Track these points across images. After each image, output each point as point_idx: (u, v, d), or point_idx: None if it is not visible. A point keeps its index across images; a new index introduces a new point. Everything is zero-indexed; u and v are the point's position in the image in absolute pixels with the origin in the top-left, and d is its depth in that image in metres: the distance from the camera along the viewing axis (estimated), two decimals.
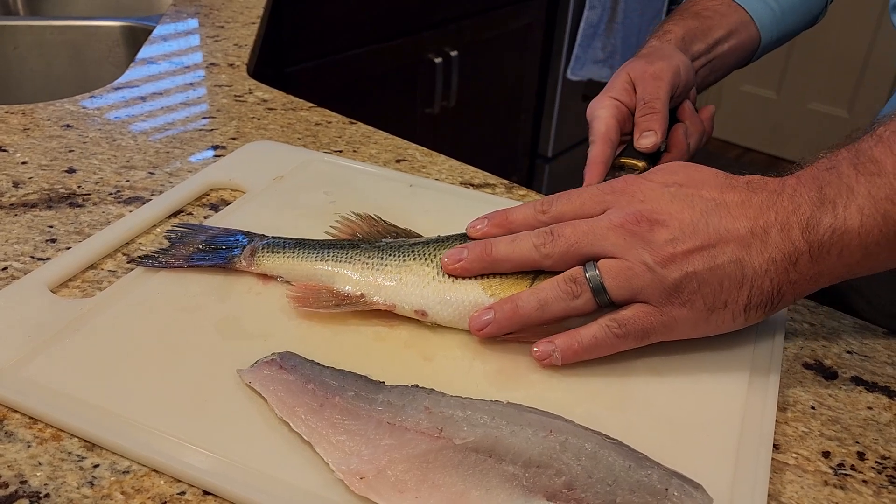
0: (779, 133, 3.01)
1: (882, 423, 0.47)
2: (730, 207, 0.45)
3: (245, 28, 1.06)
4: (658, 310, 0.46)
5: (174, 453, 0.40)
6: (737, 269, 0.44)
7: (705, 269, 0.44)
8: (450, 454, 0.39)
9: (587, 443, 0.38)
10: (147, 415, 0.42)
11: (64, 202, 0.64)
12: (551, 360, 0.47)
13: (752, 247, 0.44)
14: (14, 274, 0.54)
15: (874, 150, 0.44)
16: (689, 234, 0.45)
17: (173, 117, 0.80)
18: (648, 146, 0.63)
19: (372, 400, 0.42)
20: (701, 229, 0.45)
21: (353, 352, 0.48)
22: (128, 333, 0.48)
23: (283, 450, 0.41)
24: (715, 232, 0.45)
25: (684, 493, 0.37)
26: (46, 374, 0.45)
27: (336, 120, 0.82)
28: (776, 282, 0.45)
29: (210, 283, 0.53)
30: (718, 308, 0.45)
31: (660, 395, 0.46)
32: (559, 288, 0.47)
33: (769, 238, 0.44)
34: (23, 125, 0.76)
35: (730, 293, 0.45)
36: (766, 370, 0.48)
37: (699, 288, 0.45)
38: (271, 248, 0.54)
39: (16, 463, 0.41)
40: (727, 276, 0.44)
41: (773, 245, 0.44)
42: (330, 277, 0.52)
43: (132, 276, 0.54)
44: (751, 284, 0.45)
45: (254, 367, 0.45)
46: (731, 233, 0.44)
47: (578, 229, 0.47)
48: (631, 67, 0.67)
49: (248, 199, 0.64)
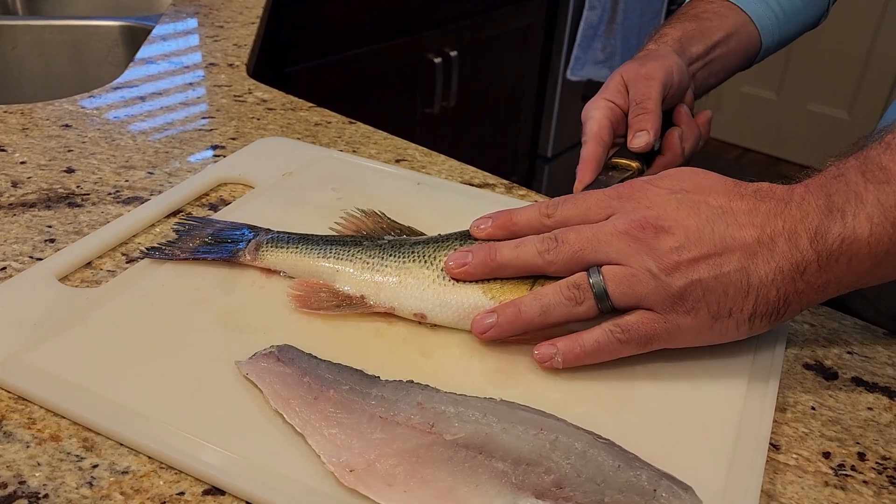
0: (779, 134, 3.01)
1: (882, 423, 0.47)
2: (737, 215, 0.45)
3: (244, 28, 1.06)
4: (662, 317, 0.45)
5: (171, 442, 0.41)
6: (742, 278, 0.44)
7: (710, 278, 0.44)
8: (440, 450, 0.39)
9: (577, 442, 0.38)
10: (146, 404, 0.43)
11: (63, 202, 0.63)
12: (552, 362, 0.47)
13: (759, 255, 0.44)
14: (13, 274, 0.54)
15: (882, 157, 0.44)
16: (694, 242, 0.44)
17: (172, 117, 0.80)
18: (641, 146, 0.63)
19: (366, 394, 0.42)
20: (707, 237, 0.44)
21: (352, 347, 0.48)
22: (132, 324, 0.49)
23: (277, 441, 0.41)
24: (721, 240, 0.44)
25: (672, 495, 0.37)
26: (51, 362, 0.45)
27: (336, 120, 0.82)
28: (783, 291, 0.44)
29: (215, 276, 0.54)
30: (723, 317, 0.45)
31: (658, 396, 0.46)
32: (562, 294, 0.47)
33: (776, 247, 0.44)
34: (22, 125, 0.76)
35: (735, 302, 0.45)
36: (766, 372, 0.48)
37: (703, 296, 0.44)
38: (275, 243, 0.54)
39: (14, 463, 0.40)
40: (732, 284, 0.44)
41: (780, 254, 0.44)
42: (331, 275, 0.52)
43: (138, 267, 0.54)
44: (756, 293, 0.44)
45: (252, 359, 0.46)
46: (738, 241, 0.44)
47: (583, 235, 0.47)
48: (624, 69, 0.67)
49: (257, 195, 0.65)
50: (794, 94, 2.94)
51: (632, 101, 0.65)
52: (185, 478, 0.40)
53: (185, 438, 0.41)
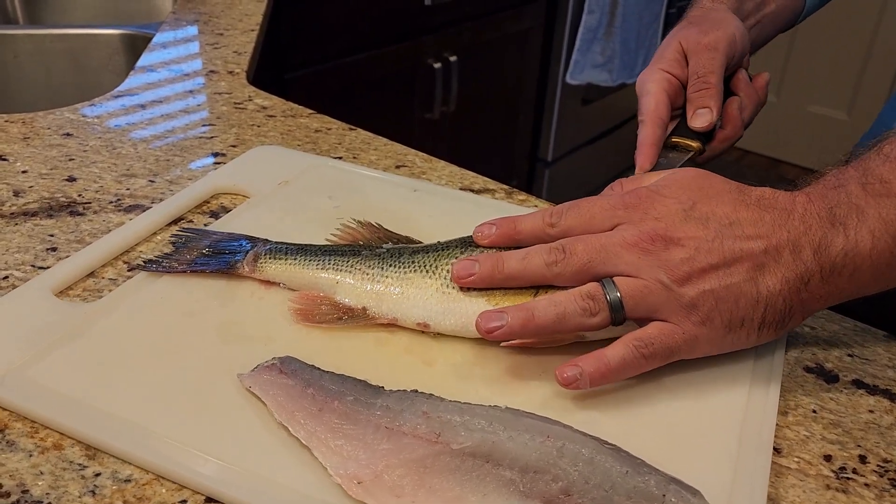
0: (778, 136, 3.01)
1: (883, 426, 0.47)
2: (743, 226, 0.45)
3: (244, 35, 1.07)
4: (679, 328, 0.45)
5: (174, 456, 0.41)
6: (752, 288, 0.44)
7: (721, 287, 0.44)
8: (447, 459, 0.39)
9: (584, 448, 0.38)
10: (148, 418, 0.43)
11: (64, 211, 0.64)
12: (578, 384, 0.45)
13: (766, 266, 0.44)
14: (15, 283, 0.54)
15: (881, 169, 0.44)
16: (704, 253, 0.45)
17: (173, 125, 0.80)
18: (703, 126, 0.60)
19: (371, 404, 0.42)
20: (716, 248, 0.45)
21: (353, 357, 0.48)
22: (130, 337, 0.49)
23: (282, 454, 0.41)
24: (730, 251, 0.45)
25: (681, 499, 0.37)
26: (49, 378, 0.45)
27: (336, 126, 0.82)
28: (788, 301, 0.45)
29: (213, 288, 0.54)
30: (735, 326, 0.45)
31: (660, 401, 0.46)
32: (577, 304, 0.46)
33: (782, 258, 0.44)
34: (23, 134, 0.76)
35: (746, 311, 0.45)
36: (767, 376, 0.48)
37: (717, 305, 0.45)
38: (273, 255, 0.54)
39: (17, 472, 0.41)
40: (743, 294, 0.44)
41: (785, 265, 0.44)
42: (331, 287, 0.52)
43: (136, 280, 0.54)
44: (766, 303, 0.45)
45: (254, 371, 0.46)
46: (746, 252, 0.44)
47: (591, 246, 0.46)
48: (683, 36, 0.63)
49: (254, 204, 0.64)
50: (793, 96, 2.94)
51: (692, 73, 0.61)
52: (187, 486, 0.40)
53: (188, 453, 0.41)
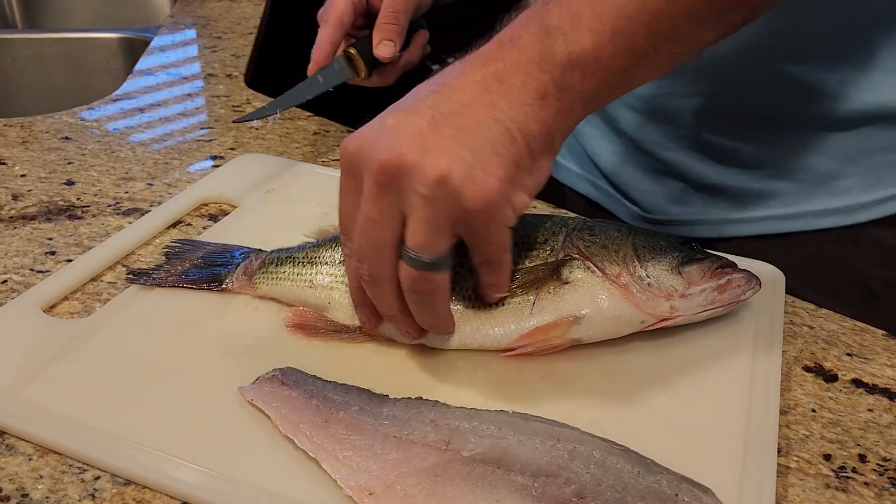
0: None
1: (883, 425, 0.47)
2: (453, 86, 0.43)
3: (242, 38, 1.07)
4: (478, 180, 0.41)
5: (177, 474, 0.40)
6: (497, 127, 0.42)
7: (467, 136, 0.41)
8: (458, 466, 0.38)
9: (595, 450, 0.38)
10: (148, 436, 0.42)
11: (63, 214, 0.64)
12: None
13: (497, 100, 0.42)
14: (14, 287, 0.54)
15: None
16: (431, 135, 0.41)
17: (171, 128, 0.80)
18: (387, 56, 0.65)
19: (377, 414, 0.42)
20: (438, 119, 0.42)
21: (354, 366, 0.48)
22: (124, 353, 0.48)
23: (289, 467, 0.40)
24: (451, 110, 0.42)
25: (694, 498, 0.37)
26: (42, 398, 0.44)
27: (334, 129, 0.82)
28: (539, 120, 0.42)
29: (207, 299, 0.53)
30: (519, 168, 0.42)
31: (663, 400, 0.46)
32: (413, 297, 0.44)
33: (510, 85, 0.42)
34: (21, 138, 0.76)
35: (511, 150, 0.42)
36: (766, 374, 0.48)
37: (490, 157, 0.41)
38: (265, 272, 0.53)
39: (17, 476, 0.41)
40: (493, 137, 0.42)
41: (516, 89, 0.42)
42: (324, 306, 0.51)
43: (127, 293, 0.53)
44: (520, 133, 0.42)
45: (255, 383, 0.45)
46: (466, 98, 0.42)
47: (362, 236, 0.44)
48: None
49: (241, 213, 0.64)
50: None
51: (386, 5, 0.66)
52: None
53: (194, 471, 0.40)
